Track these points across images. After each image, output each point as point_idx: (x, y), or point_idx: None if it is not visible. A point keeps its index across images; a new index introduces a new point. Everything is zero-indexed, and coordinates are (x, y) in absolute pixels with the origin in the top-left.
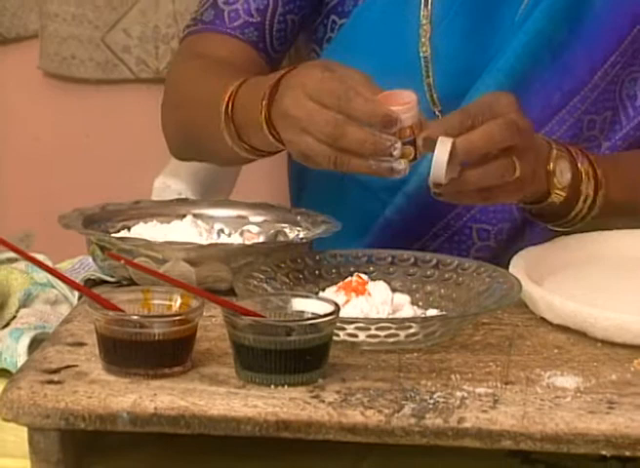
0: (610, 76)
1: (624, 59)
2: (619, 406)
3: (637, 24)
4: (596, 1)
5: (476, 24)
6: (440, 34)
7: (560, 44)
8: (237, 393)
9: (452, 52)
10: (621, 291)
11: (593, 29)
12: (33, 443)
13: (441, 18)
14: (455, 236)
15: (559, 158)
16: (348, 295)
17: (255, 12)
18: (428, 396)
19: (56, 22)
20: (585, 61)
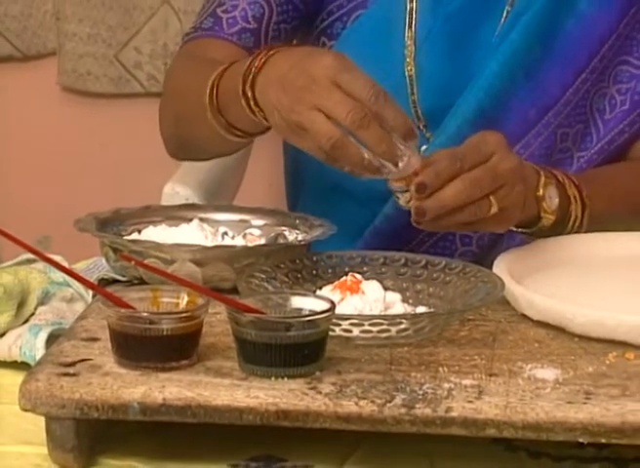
0: (581, 92)
1: (594, 76)
2: (595, 396)
3: (605, 43)
4: (568, 22)
5: (457, 44)
6: (423, 54)
7: (534, 62)
8: (240, 385)
9: (434, 70)
10: (597, 289)
11: (565, 48)
12: (50, 431)
13: (424, 38)
14: (439, 242)
15: (548, 185)
16: (343, 294)
17: (251, 19)
18: (418, 387)
19: (72, 41)
20: (558, 78)
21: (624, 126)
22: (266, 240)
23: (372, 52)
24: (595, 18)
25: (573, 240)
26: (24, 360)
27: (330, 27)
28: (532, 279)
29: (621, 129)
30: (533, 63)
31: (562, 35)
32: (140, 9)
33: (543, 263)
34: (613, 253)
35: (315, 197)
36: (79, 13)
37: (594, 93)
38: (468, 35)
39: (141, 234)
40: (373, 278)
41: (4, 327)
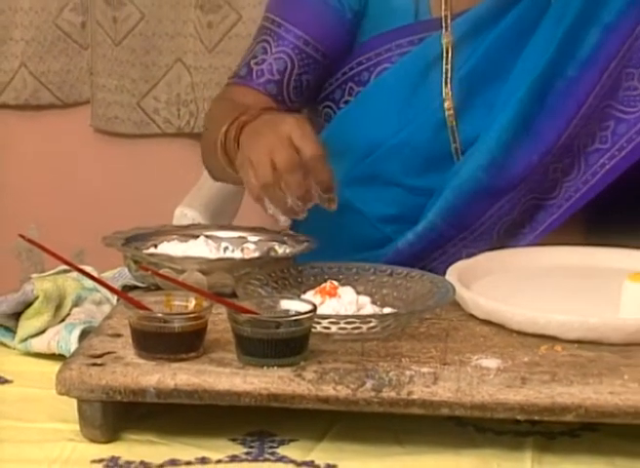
0: (572, 136)
1: (583, 121)
2: (529, 381)
3: (590, 94)
4: (559, 83)
5: (478, 104)
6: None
7: (532, 117)
8: (238, 373)
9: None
10: (532, 293)
11: (557, 103)
12: (81, 411)
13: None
14: (450, 259)
15: None
16: (323, 298)
17: (276, 72)
18: (385, 374)
19: (103, 92)
20: (552, 128)
21: (604, 160)
22: (260, 253)
23: (402, 95)
24: (581, 77)
25: (512, 252)
26: (61, 352)
27: (358, 75)
28: (478, 284)
29: (602, 163)
30: (531, 117)
31: (555, 93)
32: (158, 66)
33: (487, 271)
34: (547, 263)
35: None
36: (108, 69)
37: (581, 133)
38: (487, 96)
39: (157, 248)
40: (347, 284)
41: (44, 325)
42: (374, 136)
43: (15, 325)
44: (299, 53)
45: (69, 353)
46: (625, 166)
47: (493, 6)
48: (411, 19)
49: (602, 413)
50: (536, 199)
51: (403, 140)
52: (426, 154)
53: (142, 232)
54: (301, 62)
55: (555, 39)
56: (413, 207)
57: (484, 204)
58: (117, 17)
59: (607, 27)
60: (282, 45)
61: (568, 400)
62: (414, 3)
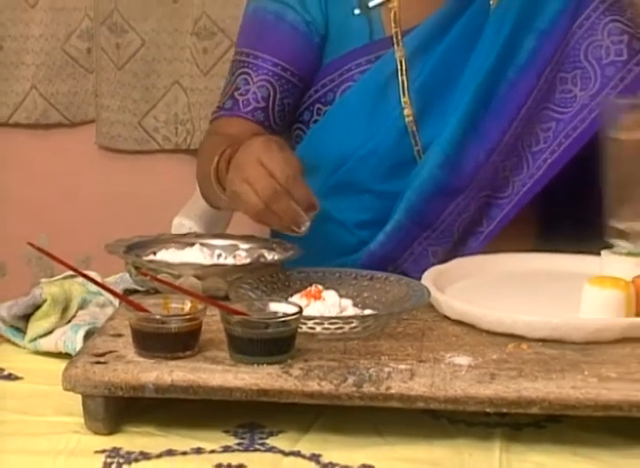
0: (514, 135)
1: (523, 122)
2: (498, 377)
3: (529, 97)
4: (501, 87)
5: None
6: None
7: (479, 118)
8: (230, 370)
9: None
10: (499, 295)
11: (500, 105)
12: (85, 405)
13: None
14: (417, 259)
15: None
16: (308, 300)
17: (261, 99)
18: (365, 371)
19: (107, 112)
20: (496, 128)
21: (547, 155)
22: (251, 259)
23: (365, 110)
24: (520, 80)
25: (484, 258)
26: (67, 351)
27: (324, 96)
28: (451, 288)
29: (545, 158)
30: (478, 119)
31: (497, 96)
32: (157, 88)
33: (460, 276)
34: (514, 269)
35: None
36: (112, 91)
37: (524, 133)
38: (440, 97)
39: (156, 255)
40: (331, 288)
41: (52, 326)
42: (343, 150)
43: (25, 326)
44: (278, 79)
45: (75, 352)
46: (565, 160)
47: (438, 21)
48: (366, 40)
49: (564, 406)
50: (488, 196)
51: (370, 150)
52: (392, 160)
53: (142, 240)
54: (282, 87)
55: (496, 46)
56: (383, 210)
57: (442, 202)
58: (120, 43)
59: (542, 34)
60: (262, 74)
61: (533, 394)
62: (368, 24)
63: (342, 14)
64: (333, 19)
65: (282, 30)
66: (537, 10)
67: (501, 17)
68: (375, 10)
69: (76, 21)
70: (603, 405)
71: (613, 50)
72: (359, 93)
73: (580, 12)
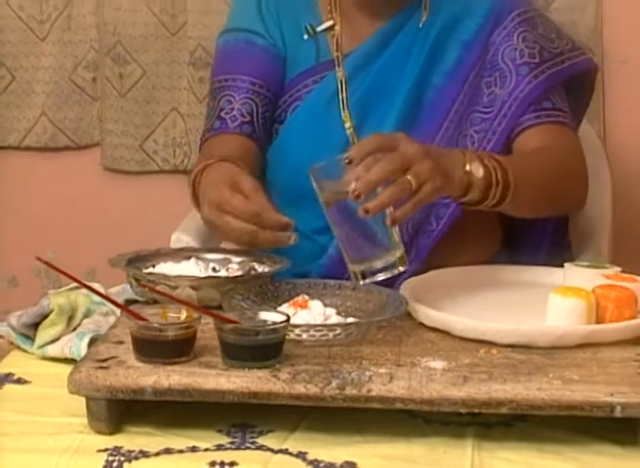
0: (446, 136)
1: (453, 124)
2: (470, 380)
3: (456, 101)
4: (429, 92)
5: (370, 120)
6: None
7: (411, 120)
8: (222, 374)
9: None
10: (472, 305)
11: (429, 109)
12: (89, 407)
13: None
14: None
15: (473, 160)
16: (296, 309)
17: (246, 114)
18: (348, 375)
19: (110, 136)
20: (427, 129)
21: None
22: (242, 272)
23: (311, 127)
24: (446, 85)
25: (457, 270)
26: (73, 357)
27: (279, 116)
28: (427, 298)
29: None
30: (411, 123)
31: (426, 102)
32: (157, 114)
33: (435, 287)
34: (485, 279)
35: None
36: (115, 116)
37: (457, 135)
38: (375, 107)
39: (155, 268)
40: (316, 298)
41: (58, 333)
42: (296, 163)
43: (33, 334)
44: (257, 95)
45: (79, 357)
46: (495, 153)
47: (374, 44)
48: (313, 62)
49: (531, 406)
50: None
51: (318, 160)
52: None
53: (143, 254)
54: (262, 102)
55: (422, 56)
56: None
57: None
58: (123, 73)
59: (465, 45)
60: (243, 92)
61: (502, 395)
62: (315, 48)
63: (296, 39)
64: (289, 43)
65: (254, 53)
66: (459, 24)
67: (427, 30)
68: (321, 35)
69: (82, 53)
70: (566, 405)
71: (526, 53)
72: (306, 111)
73: (497, 24)
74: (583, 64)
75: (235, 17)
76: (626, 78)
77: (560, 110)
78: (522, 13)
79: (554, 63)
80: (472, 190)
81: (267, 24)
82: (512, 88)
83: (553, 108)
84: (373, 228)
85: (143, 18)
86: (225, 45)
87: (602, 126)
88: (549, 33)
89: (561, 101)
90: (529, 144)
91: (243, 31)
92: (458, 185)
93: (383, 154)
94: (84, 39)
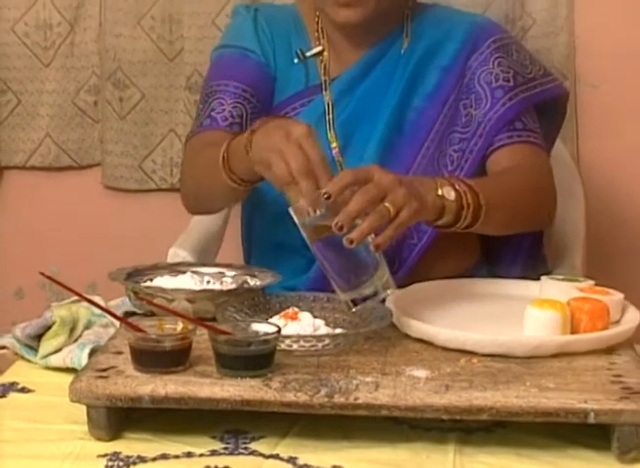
0: (427, 156)
1: (434, 144)
2: (452, 388)
3: (436, 122)
4: (410, 114)
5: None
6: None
7: (392, 143)
8: (217, 383)
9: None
10: (454, 316)
11: (410, 130)
12: (90, 415)
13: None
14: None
15: (443, 185)
16: (286, 321)
17: (236, 116)
18: (336, 383)
19: (111, 156)
20: (408, 150)
21: (458, 171)
22: (236, 285)
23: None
24: (427, 108)
25: (443, 283)
26: (74, 367)
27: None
28: (411, 310)
29: (457, 173)
30: (393, 143)
31: (408, 124)
32: (155, 135)
33: (419, 299)
34: (466, 292)
35: (263, 251)
36: (115, 138)
37: (438, 154)
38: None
39: (153, 282)
40: (306, 310)
41: (61, 344)
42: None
43: (37, 344)
44: (247, 102)
45: (81, 367)
46: (472, 174)
47: (359, 70)
48: (302, 85)
49: (509, 413)
50: None
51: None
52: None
53: (141, 268)
54: (251, 109)
55: (403, 81)
56: None
57: None
58: (122, 96)
59: (444, 69)
60: (233, 97)
61: (482, 402)
62: (305, 72)
63: (287, 62)
64: (280, 65)
65: (247, 65)
66: (438, 50)
67: (408, 58)
68: (311, 59)
69: (84, 78)
70: (543, 412)
71: (501, 77)
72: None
73: (475, 50)
74: (554, 90)
75: (231, 35)
76: (598, 102)
77: (531, 131)
78: (498, 39)
79: (527, 88)
80: (446, 213)
81: (262, 45)
82: (487, 109)
83: (524, 129)
84: (358, 257)
85: (142, 44)
86: (220, 57)
87: (575, 147)
88: (523, 59)
89: (532, 123)
90: (501, 163)
91: (238, 48)
92: (432, 209)
93: (359, 186)
94: (86, 65)
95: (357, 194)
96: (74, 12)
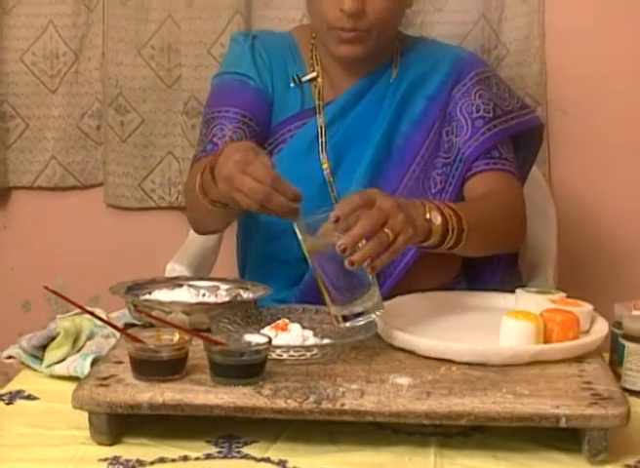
0: (413, 179)
1: (420, 167)
2: (432, 395)
3: (422, 147)
4: (398, 139)
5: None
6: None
7: (381, 166)
8: (211, 390)
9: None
10: (435, 327)
11: (397, 154)
12: (91, 421)
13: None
14: None
15: (432, 210)
16: (277, 332)
17: (236, 140)
18: (323, 390)
19: (113, 176)
20: (395, 173)
21: (442, 195)
22: (230, 298)
23: (294, 168)
24: (413, 133)
25: (424, 296)
26: (77, 375)
27: (270, 152)
28: (395, 321)
29: (442, 197)
30: (382, 166)
31: (395, 148)
32: (154, 157)
33: (402, 311)
34: (446, 304)
35: (256, 265)
36: (117, 159)
37: (423, 177)
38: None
39: (151, 295)
40: (295, 321)
41: (64, 354)
42: None
43: (42, 354)
44: (246, 126)
45: (83, 376)
46: (455, 197)
47: (351, 96)
48: (298, 109)
49: (487, 418)
50: None
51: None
52: (316, 204)
53: (140, 282)
54: (250, 133)
55: (392, 107)
56: None
57: None
58: (124, 121)
59: (429, 98)
60: (233, 122)
61: (461, 408)
62: (300, 96)
63: (283, 86)
64: (277, 90)
65: (246, 92)
66: (425, 80)
67: (397, 87)
68: (306, 84)
69: (88, 104)
70: (518, 417)
71: (482, 108)
72: (289, 152)
73: (458, 81)
74: (530, 122)
75: (230, 62)
76: (567, 126)
77: (506, 160)
78: (480, 73)
79: (505, 120)
80: (432, 236)
81: (260, 71)
82: (468, 137)
83: (500, 157)
84: (354, 275)
85: (142, 72)
86: (221, 83)
87: (548, 168)
88: (502, 92)
89: (508, 152)
90: (478, 188)
91: (237, 74)
92: (420, 232)
93: (363, 211)
94: (90, 91)
95: (362, 219)
96: (79, 42)
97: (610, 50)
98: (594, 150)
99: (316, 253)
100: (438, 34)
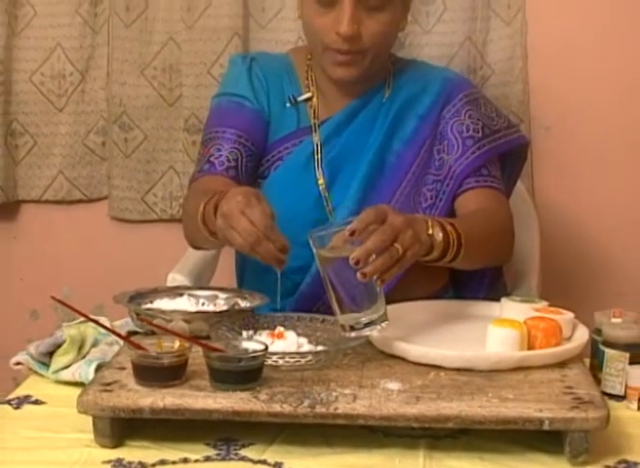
0: (404, 194)
1: (411, 183)
2: (422, 399)
3: (413, 164)
4: (390, 157)
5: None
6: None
7: (373, 182)
8: (210, 395)
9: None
10: (424, 334)
11: (390, 171)
12: (95, 424)
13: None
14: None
15: (434, 226)
16: (273, 339)
17: (232, 160)
18: (317, 395)
19: (117, 190)
20: (388, 188)
21: (432, 211)
22: (228, 306)
23: (289, 185)
24: (405, 151)
25: (414, 304)
26: (82, 381)
27: (262, 173)
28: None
29: (432, 212)
30: (375, 182)
31: (388, 165)
32: (156, 172)
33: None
34: (435, 312)
35: (254, 275)
36: (121, 174)
37: (414, 193)
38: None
39: (153, 304)
40: (291, 329)
41: (70, 361)
42: (277, 212)
43: (49, 361)
44: (242, 146)
45: (88, 381)
46: (446, 213)
47: (345, 115)
48: (294, 127)
49: (473, 421)
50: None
51: (295, 211)
52: (311, 217)
53: (142, 291)
54: (246, 153)
55: (385, 126)
56: (310, 257)
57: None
58: (127, 137)
59: (420, 117)
60: (230, 142)
61: (449, 412)
62: (296, 115)
63: (280, 106)
64: (273, 109)
65: (243, 113)
66: (416, 100)
67: (389, 106)
68: (302, 104)
69: (93, 122)
70: (503, 420)
71: (471, 128)
72: (286, 169)
73: (448, 102)
74: (517, 140)
75: (228, 83)
76: (550, 142)
77: (494, 177)
78: (468, 94)
79: (493, 139)
80: (434, 250)
81: (256, 92)
82: (458, 156)
83: (489, 175)
84: (362, 288)
85: (145, 91)
86: (219, 104)
87: (531, 182)
88: (490, 112)
89: (496, 170)
90: (468, 205)
91: (235, 95)
92: (424, 247)
93: (376, 226)
94: (95, 110)
95: (375, 234)
96: (85, 63)
97: (590, 69)
98: (575, 165)
99: (328, 265)
100: (426, 55)
